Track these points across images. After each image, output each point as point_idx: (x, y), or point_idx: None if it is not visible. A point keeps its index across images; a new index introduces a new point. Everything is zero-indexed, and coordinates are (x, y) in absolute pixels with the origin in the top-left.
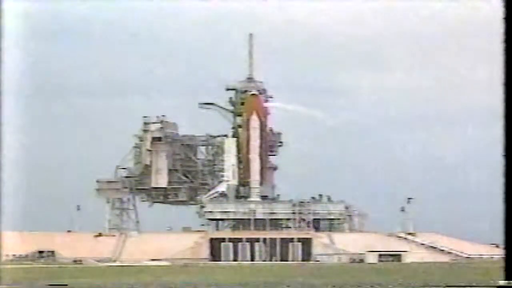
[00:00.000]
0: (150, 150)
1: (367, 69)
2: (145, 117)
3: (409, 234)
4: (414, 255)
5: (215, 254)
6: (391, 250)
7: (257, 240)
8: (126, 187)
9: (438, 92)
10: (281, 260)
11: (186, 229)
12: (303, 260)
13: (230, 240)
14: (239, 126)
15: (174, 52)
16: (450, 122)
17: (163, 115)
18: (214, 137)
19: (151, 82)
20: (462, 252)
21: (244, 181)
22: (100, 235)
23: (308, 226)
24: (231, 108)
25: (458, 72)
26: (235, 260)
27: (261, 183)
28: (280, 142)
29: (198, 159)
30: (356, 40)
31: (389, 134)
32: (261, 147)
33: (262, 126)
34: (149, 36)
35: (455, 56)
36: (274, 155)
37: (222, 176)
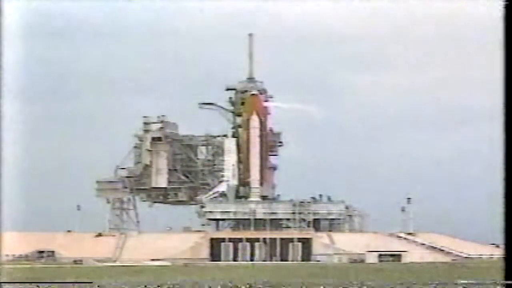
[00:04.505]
0: (150, 150)
1: (367, 69)
2: (145, 117)
3: (409, 234)
4: (414, 255)
5: (215, 254)
6: (391, 250)
7: (257, 240)
8: (126, 187)
9: (438, 92)
10: (281, 260)
11: (186, 229)
12: (303, 260)
13: (230, 240)
14: (239, 126)
15: (174, 52)
16: (450, 122)
17: (163, 115)
18: (214, 137)
19: (151, 82)
20: (462, 252)
21: (244, 181)
22: (100, 235)
23: (308, 226)
24: (231, 108)
25: (458, 72)
26: (235, 260)
27: (261, 183)
28: (280, 142)
29: (198, 159)
30: (356, 40)
31: (389, 134)
32: (261, 147)
33: (262, 126)
34: (149, 36)
35: (454, 56)
36: (274, 155)
37: (222, 176)
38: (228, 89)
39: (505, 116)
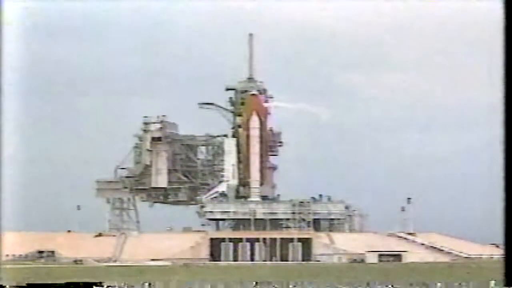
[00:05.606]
0: (150, 150)
1: (367, 69)
2: (145, 117)
3: (409, 234)
4: (414, 255)
5: (215, 254)
6: (391, 250)
7: (257, 240)
8: (126, 187)
9: (437, 92)
10: (281, 260)
11: (186, 229)
12: (303, 260)
13: (230, 240)
14: (239, 126)
15: (174, 52)
16: (450, 121)
17: (163, 115)
18: (214, 137)
19: (151, 82)
20: (462, 252)
21: (244, 181)
22: (100, 235)
23: (308, 226)
24: (231, 108)
25: (458, 72)
26: (235, 260)
27: (261, 183)
28: (280, 142)
29: (198, 159)
30: (356, 40)
31: (390, 134)
32: (261, 147)
33: (262, 126)
34: (149, 36)
35: (455, 55)
36: (274, 155)
37: (222, 176)
38: (228, 89)
39: (505, 116)
